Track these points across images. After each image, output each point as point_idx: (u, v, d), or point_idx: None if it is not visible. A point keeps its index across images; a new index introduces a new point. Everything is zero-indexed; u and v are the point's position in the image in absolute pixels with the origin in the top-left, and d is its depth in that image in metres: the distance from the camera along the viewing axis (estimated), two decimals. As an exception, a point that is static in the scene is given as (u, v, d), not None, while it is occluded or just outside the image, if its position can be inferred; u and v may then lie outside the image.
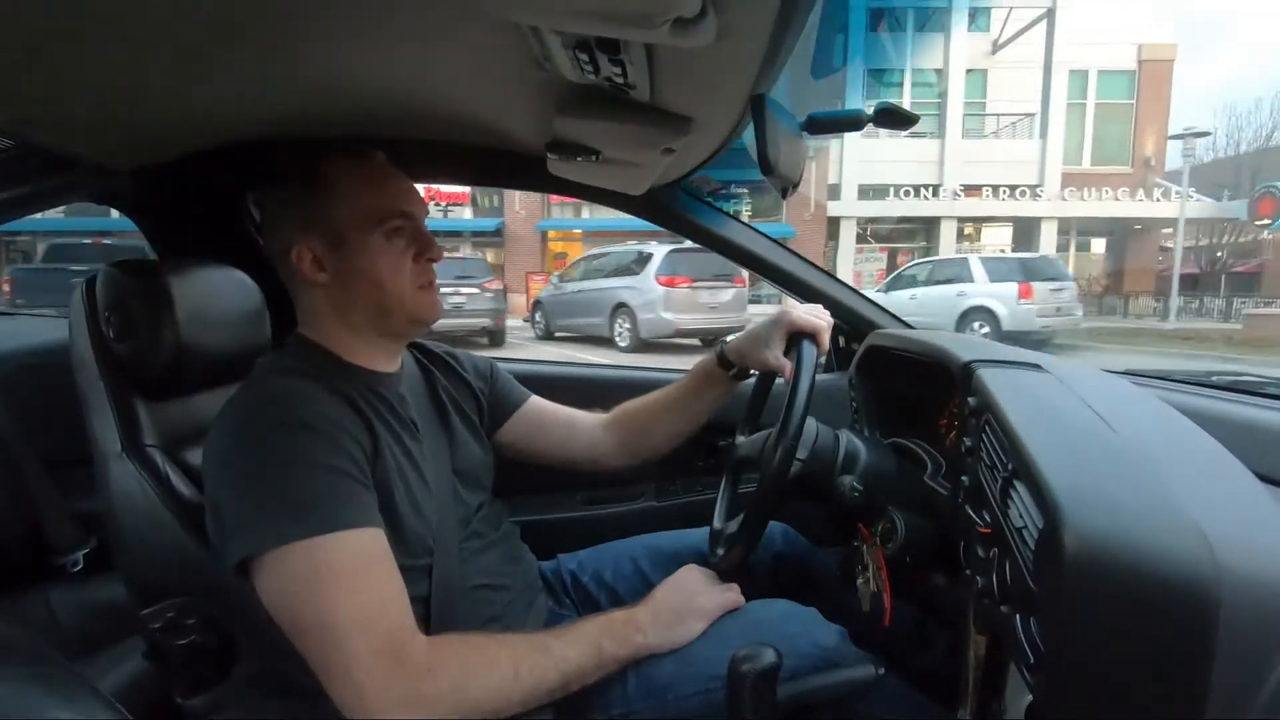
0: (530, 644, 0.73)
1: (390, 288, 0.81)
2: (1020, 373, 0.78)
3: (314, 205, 0.79)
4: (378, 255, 0.80)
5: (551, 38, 0.59)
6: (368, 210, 0.79)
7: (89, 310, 0.85)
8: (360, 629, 0.64)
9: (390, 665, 0.64)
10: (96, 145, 0.97)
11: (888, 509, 0.86)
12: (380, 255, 0.80)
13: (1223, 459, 0.60)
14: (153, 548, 0.79)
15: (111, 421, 0.82)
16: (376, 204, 0.80)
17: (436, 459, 0.87)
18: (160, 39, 0.66)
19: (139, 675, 1.02)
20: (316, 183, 0.79)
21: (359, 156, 0.82)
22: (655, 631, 0.79)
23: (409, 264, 0.82)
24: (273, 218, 0.82)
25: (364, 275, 0.80)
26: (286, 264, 0.81)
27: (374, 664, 0.64)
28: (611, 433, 1.11)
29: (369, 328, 0.84)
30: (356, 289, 0.81)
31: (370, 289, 0.81)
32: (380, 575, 0.69)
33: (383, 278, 0.80)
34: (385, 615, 0.66)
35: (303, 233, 0.79)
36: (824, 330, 0.96)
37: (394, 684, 0.64)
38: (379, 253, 0.80)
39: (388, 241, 0.80)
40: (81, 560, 1.11)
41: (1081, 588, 0.49)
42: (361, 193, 0.80)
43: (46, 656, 0.40)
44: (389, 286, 0.81)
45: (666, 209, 1.27)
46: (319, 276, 0.80)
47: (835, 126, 0.88)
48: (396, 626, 0.67)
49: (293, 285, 0.83)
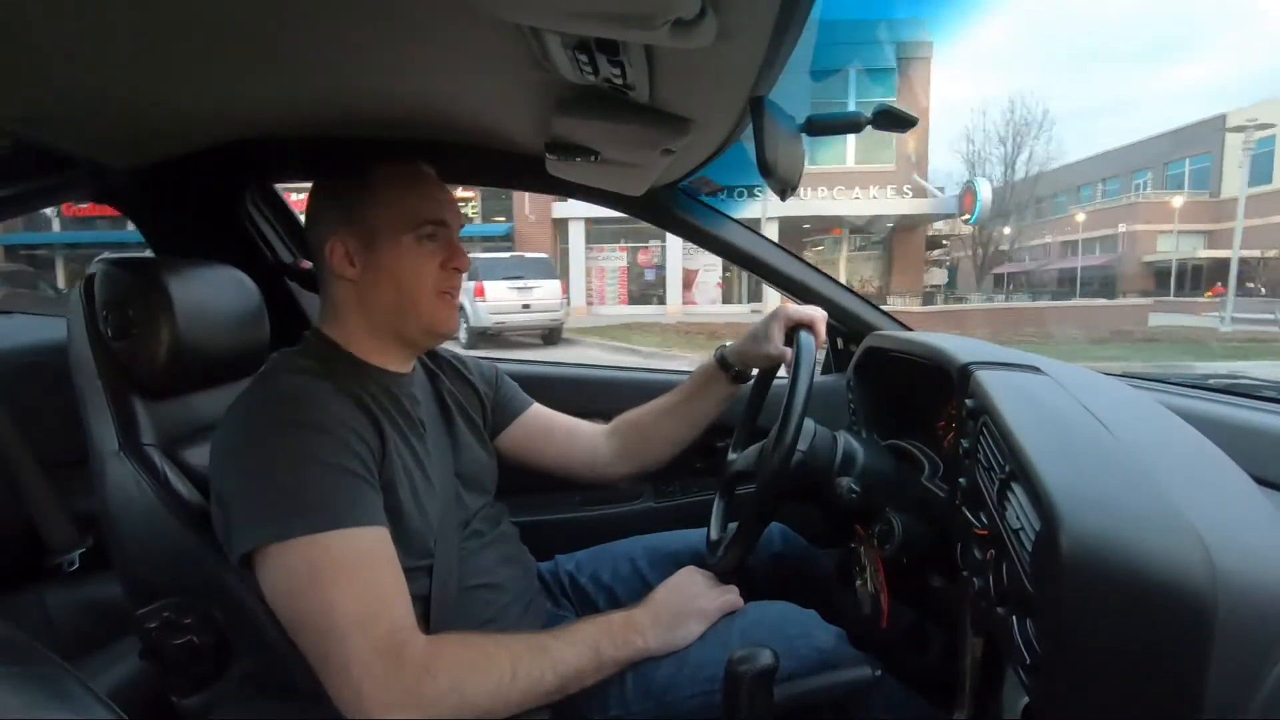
0: (529, 645, 0.73)
1: (410, 289, 0.83)
2: (1018, 375, 0.78)
3: (355, 203, 0.82)
4: (405, 256, 0.82)
5: (551, 38, 0.59)
6: (404, 212, 0.82)
7: (87, 309, 0.85)
8: (360, 627, 0.64)
9: (389, 664, 0.64)
10: (94, 144, 0.97)
11: (885, 510, 0.86)
12: (407, 256, 0.82)
13: (1219, 462, 0.60)
14: (149, 547, 0.79)
15: (109, 420, 0.81)
16: (413, 207, 0.82)
17: (440, 461, 0.87)
18: (157, 39, 0.66)
19: (135, 675, 1.02)
20: (358, 181, 0.82)
21: (406, 163, 0.85)
22: (654, 634, 0.79)
23: (434, 270, 0.84)
24: (315, 212, 0.85)
25: (389, 273, 0.82)
26: (320, 256, 0.83)
27: (373, 662, 0.64)
28: (612, 441, 1.11)
29: (387, 328, 0.85)
30: (380, 287, 0.82)
31: (392, 288, 0.82)
32: (382, 573, 0.69)
33: (404, 278, 0.82)
34: (385, 614, 0.66)
35: (340, 227, 0.82)
36: (820, 320, 1.00)
37: (392, 683, 0.64)
38: (406, 253, 0.82)
39: (417, 244, 0.82)
40: (77, 560, 1.11)
41: (1078, 590, 0.49)
42: (401, 195, 0.82)
43: (42, 656, 0.40)
44: (408, 287, 0.82)
45: (665, 210, 1.27)
46: (348, 271, 0.82)
47: (834, 128, 0.88)
48: (396, 625, 0.67)
49: (324, 279, 0.86)
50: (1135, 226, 26.82)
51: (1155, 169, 29.47)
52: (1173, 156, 28.56)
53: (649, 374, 1.50)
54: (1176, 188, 28.23)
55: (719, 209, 1.32)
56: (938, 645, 0.97)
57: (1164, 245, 27.10)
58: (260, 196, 1.30)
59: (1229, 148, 24.92)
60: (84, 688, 0.39)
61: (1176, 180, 28.56)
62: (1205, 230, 26.50)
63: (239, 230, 1.25)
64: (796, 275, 1.34)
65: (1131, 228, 26.90)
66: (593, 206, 1.29)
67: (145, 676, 1.01)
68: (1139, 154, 30.53)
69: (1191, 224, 26.40)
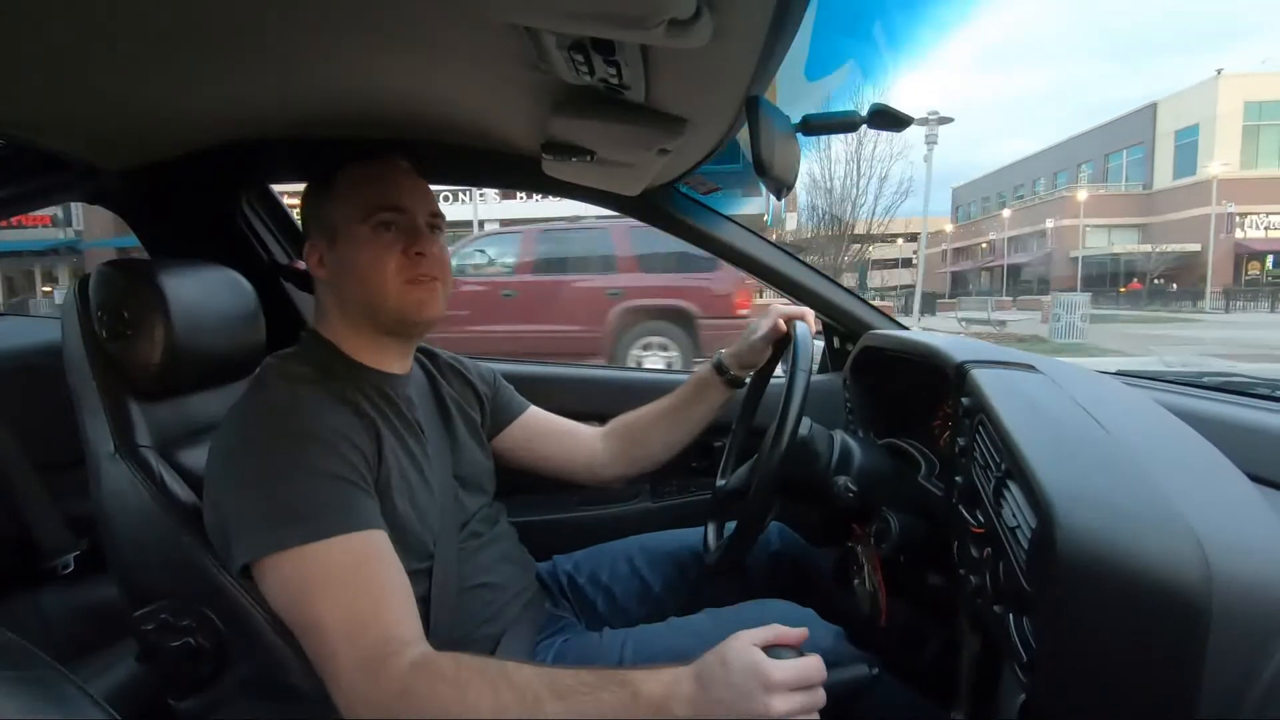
0: (522, 698, 0.60)
1: (373, 279, 0.80)
2: (1013, 373, 0.78)
3: (320, 205, 0.84)
4: (362, 246, 0.80)
5: (547, 38, 0.59)
6: (357, 203, 0.81)
7: (82, 310, 0.84)
8: (346, 638, 0.64)
9: (369, 680, 0.63)
10: (88, 145, 0.96)
11: (882, 509, 0.86)
12: (364, 246, 0.80)
13: (1214, 459, 0.61)
14: (145, 548, 0.79)
15: (104, 422, 0.81)
16: (365, 197, 0.81)
17: (439, 463, 0.87)
18: (153, 40, 0.65)
19: (132, 678, 1.01)
20: (326, 184, 0.83)
21: (373, 160, 0.85)
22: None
23: (396, 257, 0.81)
24: (302, 219, 0.87)
25: (350, 266, 0.81)
26: (307, 262, 0.85)
27: (354, 676, 0.63)
28: (609, 443, 1.12)
29: (366, 324, 0.84)
30: (347, 282, 0.82)
31: (356, 282, 0.81)
32: (376, 580, 0.68)
33: (365, 268, 0.80)
34: (375, 623, 0.65)
35: (313, 231, 0.84)
36: (810, 313, 1.05)
37: (371, 699, 0.63)
38: (364, 244, 0.80)
39: (373, 234, 0.80)
40: (72, 562, 1.10)
41: (1074, 587, 0.49)
42: (356, 188, 0.82)
43: (37, 660, 0.39)
44: (371, 277, 0.80)
45: (661, 210, 1.27)
46: (321, 272, 0.83)
47: (830, 128, 0.88)
48: (385, 636, 0.64)
49: (314, 283, 0.88)
50: (1063, 222, 26.95)
51: (1098, 161, 29.54)
52: (1112, 148, 28.64)
53: (645, 375, 1.50)
54: (1117, 179, 28.36)
55: (715, 208, 1.33)
56: (935, 643, 0.97)
57: (1095, 241, 27.21)
58: (255, 197, 1.29)
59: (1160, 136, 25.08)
60: (80, 691, 0.38)
61: (1118, 172, 28.68)
62: (1138, 224, 26.59)
63: (234, 231, 1.24)
64: (793, 275, 1.34)
65: (1059, 223, 27.04)
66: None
67: (142, 679, 1.01)
68: (1083, 146, 30.53)
69: (1106, 218, 26.54)
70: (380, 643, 0.64)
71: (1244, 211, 22.58)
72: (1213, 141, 22.76)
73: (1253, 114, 22.70)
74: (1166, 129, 24.99)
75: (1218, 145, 22.61)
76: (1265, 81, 22.69)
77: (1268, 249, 22.21)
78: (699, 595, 1.00)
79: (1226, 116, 22.66)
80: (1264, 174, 22.41)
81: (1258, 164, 22.76)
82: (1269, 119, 22.58)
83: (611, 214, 1.34)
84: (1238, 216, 22.51)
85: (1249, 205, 22.49)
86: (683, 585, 1.05)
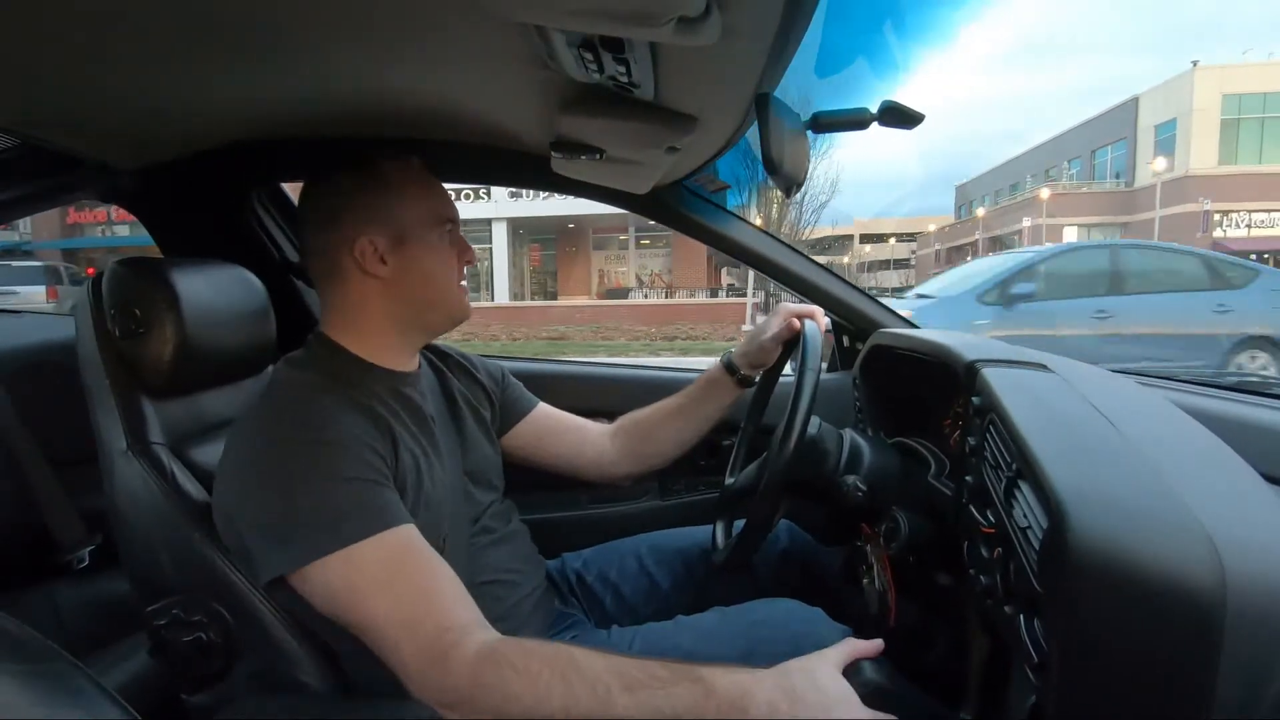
0: (594, 690, 0.60)
1: (442, 284, 0.85)
2: (1025, 372, 0.78)
3: (377, 201, 0.81)
4: (434, 252, 0.84)
5: (556, 37, 0.59)
6: (429, 210, 0.84)
7: (95, 308, 0.85)
8: (405, 632, 0.64)
9: (439, 672, 0.63)
10: (101, 145, 0.97)
11: (891, 508, 0.86)
12: (437, 253, 0.85)
13: (1228, 460, 0.60)
14: (157, 545, 0.79)
15: (117, 419, 0.82)
16: (434, 206, 0.85)
17: (449, 458, 0.87)
18: (166, 40, 0.66)
19: (144, 672, 1.02)
20: (377, 180, 0.82)
21: (406, 159, 0.85)
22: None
23: (456, 264, 0.87)
24: (327, 211, 0.82)
25: (422, 270, 0.83)
26: (341, 256, 0.81)
27: (422, 668, 0.64)
28: (617, 441, 1.12)
29: (411, 323, 0.86)
30: (412, 284, 0.83)
31: (425, 284, 0.84)
32: (420, 571, 0.68)
33: (437, 275, 0.85)
34: (428, 616, 0.65)
35: (367, 226, 0.81)
36: (819, 311, 1.05)
37: (445, 688, 0.63)
38: (435, 250, 0.84)
39: (440, 241, 0.85)
40: (87, 557, 1.11)
41: (1086, 588, 0.49)
42: (425, 193, 0.84)
43: (52, 653, 0.40)
44: (441, 283, 0.85)
45: (671, 208, 1.27)
46: (380, 270, 0.81)
47: (840, 125, 0.88)
48: (444, 625, 0.65)
49: (340, 278, 0.83)
50: (1038, 221, 26.09)
51: (1085, 157, 28.72)
52: (1098, 144, 27.89)
53: (654, 372, 1.50)
54: (1103, 176, 27.64)
55: (724, 206, 1.32)
56: (945, 643, 0.97)
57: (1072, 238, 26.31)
58: (267, 195, 1.30)
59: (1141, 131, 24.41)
60: (94, 685, 0.39)
61: (1103, 168, 27.90)
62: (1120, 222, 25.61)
63: (246, 229, 1.25)
64: (803, 273, 1.34)
65: (1035, 222, 26.21)
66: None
67: (154, 673, 1.02)
68: (1073, 141, 29.75)
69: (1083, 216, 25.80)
70: (440, 632, 0.64)
71: (1223, 209, 21.64)
72: (1189, 137, 21.89)
73: (1231, 107, 21.73)
74: (1147, 123, 24.17)
75: (1194, 140, 21.75)
76: (1243, 73, 21.68)
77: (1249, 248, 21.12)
78: (707, 593, 1.00)
79: (1203, 110, 21.68)
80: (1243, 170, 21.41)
81: (1237, 159, 21.80)
82: (1248, 112, 21.63)
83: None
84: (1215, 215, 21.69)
85: (1228, 203, 21.55)
86: (691, 583, 1.05)
